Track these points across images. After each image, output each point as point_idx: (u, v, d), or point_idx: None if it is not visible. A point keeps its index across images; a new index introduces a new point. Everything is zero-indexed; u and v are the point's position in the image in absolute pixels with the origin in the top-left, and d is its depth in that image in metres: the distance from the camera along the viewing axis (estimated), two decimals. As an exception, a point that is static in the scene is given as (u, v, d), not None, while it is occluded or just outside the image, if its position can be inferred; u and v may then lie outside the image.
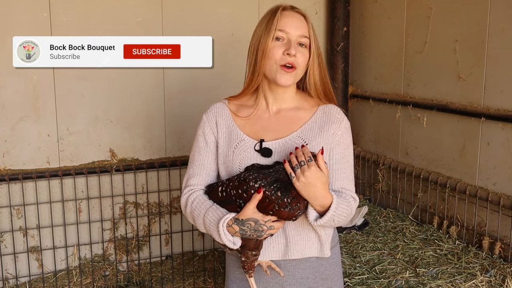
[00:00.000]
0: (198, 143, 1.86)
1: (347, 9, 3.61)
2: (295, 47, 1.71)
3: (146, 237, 3.41)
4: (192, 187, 1.80)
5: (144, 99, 3.31)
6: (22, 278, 3.14)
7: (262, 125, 1.80)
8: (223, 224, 1.63)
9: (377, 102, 3.52)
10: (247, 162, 1.73)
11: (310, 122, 1.79)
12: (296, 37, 1.72)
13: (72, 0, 3.06)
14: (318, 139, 1.75)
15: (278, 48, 1.71)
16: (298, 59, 1.71)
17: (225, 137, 1.81)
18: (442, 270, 2.43)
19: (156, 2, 3.24)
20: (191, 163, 1.86)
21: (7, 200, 3.04)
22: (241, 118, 1.82)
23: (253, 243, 1.68)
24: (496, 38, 2.61)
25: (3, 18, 2.94)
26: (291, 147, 1.74)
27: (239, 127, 1.81)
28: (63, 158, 3.18)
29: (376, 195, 3.56)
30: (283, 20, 1.72)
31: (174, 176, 3.38)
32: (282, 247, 1.77)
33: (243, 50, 3.38)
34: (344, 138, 1.79)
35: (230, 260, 1.90)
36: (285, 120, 1.80)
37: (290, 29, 1.71)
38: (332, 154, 1.76)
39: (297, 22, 1.73)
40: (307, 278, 1.80)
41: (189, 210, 1.77)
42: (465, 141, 2.82)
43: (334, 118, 1.79)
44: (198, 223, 1.74)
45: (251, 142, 1.77)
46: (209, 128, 1.84)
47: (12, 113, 3.04)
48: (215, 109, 1.86)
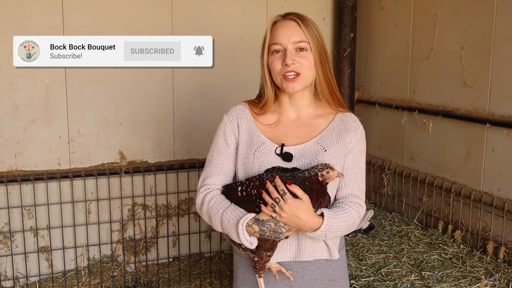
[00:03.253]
0: (218, 144, 1.86)
1: (354, 16, 3.66)
2: (293, 55, 1.74)
3: (154, 238, 3.45)
4: (209, 186, 1.81)
5: (154, 103, 3.36)
6: (32, 278, 3.19)
7: (283, 131, 1.84)
8: (243, 223, 1.65)
9: (383, 108, 3.55)
10: (267, 165, 1.76)
11: (328, 129, 1.83)
12: (291, 45, 1.75)
13: (84, 5, 3.12)
14: (336, 146, 1.79)
15: (277, 61, 1.76)
16: (301, 64, 1.75)
17: (246, 139, 1.84)
18: (447, 274, 2.47)
19: (167, 7, 3.30)
20: (209, 163, 1.86)
21: (19, 200, 3.09)
22: (263, 124, 1.85)
23: (269, 244, 1.71)
24: (501, 45, 2.64)
25: (16, 21, 3.00)
26: (310, 153, 1.77)
27: (260, 131, 1.84)
28: (74, 160, 3.24)
29: (381, 200, 3.60)
30: (275, 33, 1.76)
31: (182, 178, 3.43)
32: (294, 249, 1.80)
33: (251, 55, 3.45)
34: (359, 145, 1.82)
35: (239, 262, 1.92)
36: (304, 126, 1.84)
37: (283, 40, 1.75)
38: (345, 160, 1.80)
39: (289, 31, 1.75)
40: (316, 279, 1.84)
41: (205, 209, 1.78)
42: (470, 147, 2.86)
43: (351, 126, 1.83)
44: (215, 222, 1.75)
45: (272, 145, 1.80)
46: (231, 129, 1.85)
47: (25, 115, 3.10)
48: (237, 111, 1.87)
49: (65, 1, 3.07)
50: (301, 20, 1.77)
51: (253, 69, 1.93)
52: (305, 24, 1.76)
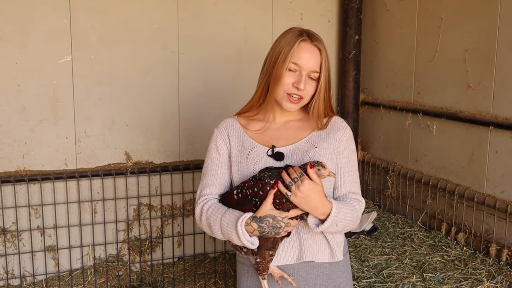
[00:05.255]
0: (211, 155, 1.93)
1: (359, 18, 3.67)
2: (305, 81, 1.80)
3: (159, 238, 3.48)
4: (206, 197, 1.86)
5: (159, 104, 3.39)
6: (38, 276, 3.23)
7: (272, 135, 1.90)
8: (242, 223, 1.68)
9: (387, 110, 3.57)
10: (260, 166, 1.81)
11: (317, 129, 1.89)
12: (308, 71, 1.80)
13: (91, 7, 3.16)
14: (326, 143, 1.85)
15: (289, 78, 1.81)
16: (307, 91, 1.82)
17: (238, 146, 1.89)
18: (448, 276, 2.47)
19: (173, 9, 3.33)
20: (204, 175, 1.92)
21: (26, 200, 3.14)
22: (252, 131, 1.92)
23: (270, 243, 1.73)
24: (505, 48, 2.65)
25: (24, 24, 3.04)
26: (301, 151, 1.82)
27: (250, 137, 1.90)
28: (80, 160, 3.28)
29: (385, 201, 3.60)
30: (299, 53, 1.79)
31: (187, 179, 3.46)
32: (296, 250, 1.82)
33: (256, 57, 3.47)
34: (349, 144, 1.90)
35: (242, 270, 1.95)
36: (293, 129, 1.91)
37: (303, 64, 1.79)
38: (338, 158, 1.86)
39: (312, 57, 1.80)
40: (320, 285, 1.85)
41: (204, 218, 1.81)
42: (474, 149, 2.86)
43: (339, 126, 1.91)
44: (215, 229, 1.77)
45: (263, 148, 1.86)
46: (222, 140, 1.92)
47: (32, 115, 3.14)
48: (226, 123, 1.96)
49: (72, 4, 3.11)
50: (321, 50, 1.83)
51: (258, 70, 1.94)
52: (323, 55, 1.83)
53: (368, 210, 3.46)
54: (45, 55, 3.10)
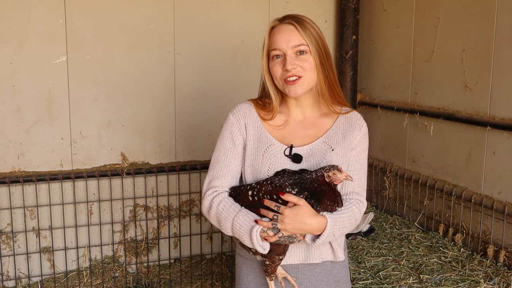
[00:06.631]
0: (224, 144, 1.82)
1: (356, 18, 3.66)
2: (293, 59, 1.72)
3: (155, 240, 3.47)
4: (216, 189, 1.78)
5: (156, 105, 3.38)
6: (34, 278, 3.21)
7: (290, 131, 1.83)
8: (257, 230, 1.63)
9: (384, 110, 3.55)
10: (276, 167, 1.75)
11: (333, 128, 1.83)
12: (290, 49, 1.73)
13: (87, 7, 3.14)
14: (342, 145, 1.79)
15: (277, 66, 1.75)
16: (303, 67, 1.73)
17: (254, 139, 1.81)
18: (445, 277, 2.46)
19: (169, 9, 3.32)
20: (215, 164, 1.82)
21: (21, 201, 3.12)
22: (270, 124, 1.83)
23: (281, 248, 1.70)
24: (502, 48, 2.64)
25: (19, 24, 3.03)
26: (318, 152, 1.77)
27: (268, 131, 1.82)
28: (76, 161, 3.26)
29: (382, 202, 3.59)
30: (273, 39, 1.75)
31: (183, 180, 3.44)
32: (303, 251, 1.81)
33: (253, 57, 3.47)
34: (362, 143, 1.83)
35: (243, 265, 1.91)
36: (311, 126, 1.84)
37: (281, 45, 1.73)
38: (348, 156, 1.80)
39: (287, 35, 1.73)
40: (321, 281, 1.85)
41: (214, 212, 1.74)
42: (471, 150, 2.85)
43: (356, 124, 1.84)
44: (225, 226, 1.72)
45: (281, 147, 1.79)
46: (238, 129, 1.82)
47: (27, 116, 3.12)
48: (244, 110, 1.84)
49: (67, 4, 3.09)
50: (298, 23, 1.74)
51: (254, 71, 1.94)
52: (303, 26, 1.74)
53: (365, 211, 3.44)
54: (40, 55, 3.09)
